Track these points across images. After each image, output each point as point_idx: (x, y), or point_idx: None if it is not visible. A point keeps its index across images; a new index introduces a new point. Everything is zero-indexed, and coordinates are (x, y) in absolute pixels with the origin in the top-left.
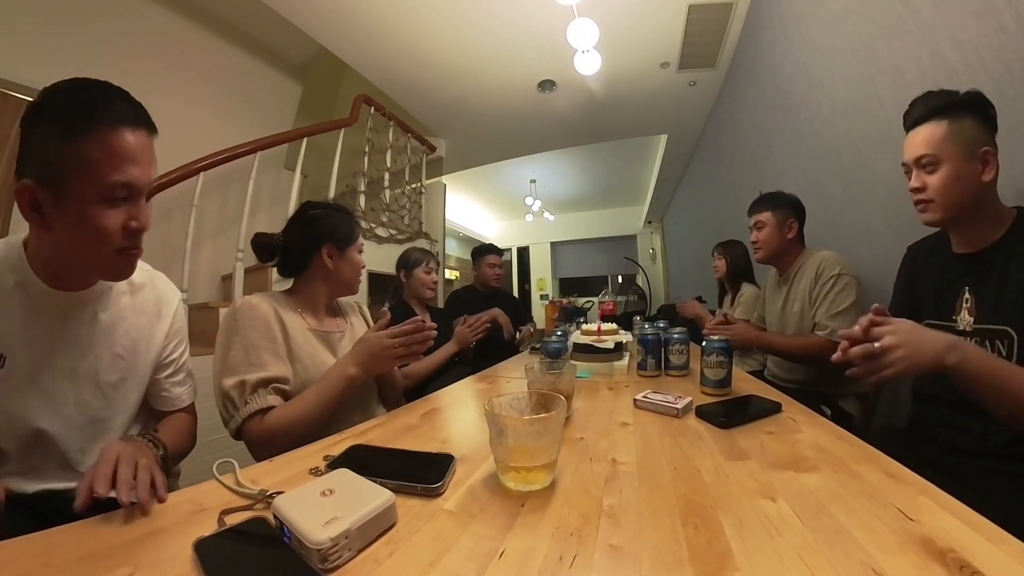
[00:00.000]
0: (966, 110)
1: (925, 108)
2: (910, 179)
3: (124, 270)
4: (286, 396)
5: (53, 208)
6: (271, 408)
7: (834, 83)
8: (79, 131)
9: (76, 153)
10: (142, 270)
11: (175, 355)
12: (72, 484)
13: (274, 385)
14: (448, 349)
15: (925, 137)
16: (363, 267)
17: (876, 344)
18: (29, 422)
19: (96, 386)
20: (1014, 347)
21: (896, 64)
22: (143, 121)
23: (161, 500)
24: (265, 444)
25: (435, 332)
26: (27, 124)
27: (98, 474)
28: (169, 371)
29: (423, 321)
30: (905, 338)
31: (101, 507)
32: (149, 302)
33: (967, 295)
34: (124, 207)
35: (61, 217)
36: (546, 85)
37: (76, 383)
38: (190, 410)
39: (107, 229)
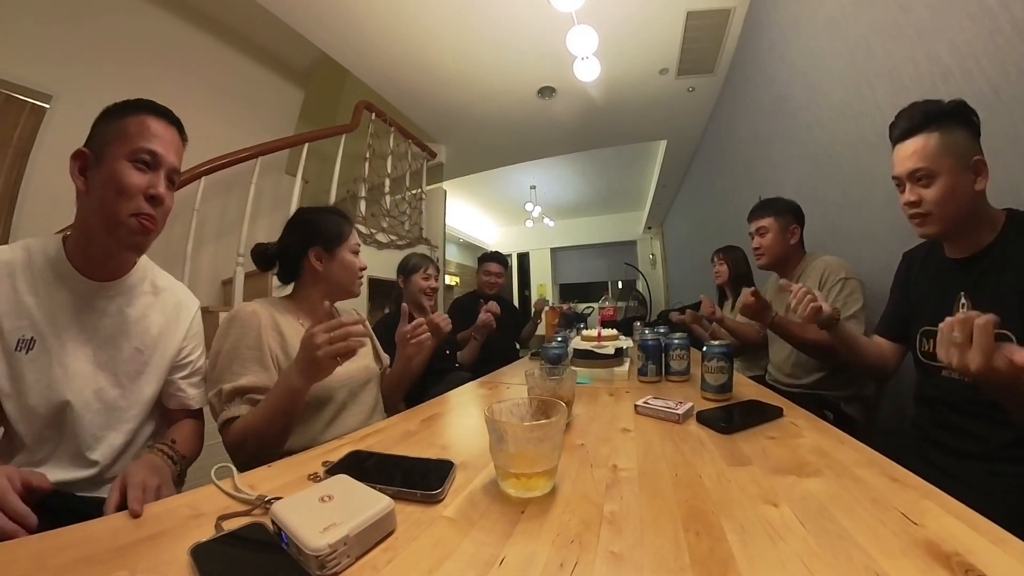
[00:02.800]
0: (954, 120)
1: (913, 119)
2: (902, 192)
3: (138, 237)
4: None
5: (94, 168)
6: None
7: (832, 87)
8: (127, 113)
9: (120, 126)
10: (165, 276)
11: (192, 357)
12: (83, 473)
13: (249, 396)
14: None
15: (917, 149)
16: (361, 268)
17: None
18: (56, 395)
19: (115, 376)
20: None
21: (893, 67)
22: (176, 122)
23: None
24: (232, 453)
25: (363, 329)
26: (96, 121)
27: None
28: (185, 372)
29: (359, 316)
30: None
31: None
32: (170, 304)
33: (963, 300)
34: (147, 175)
35: (98, 175)
36: (546, 91)
37: (96, 370)
38: (199, 415)
39: (129, 186)
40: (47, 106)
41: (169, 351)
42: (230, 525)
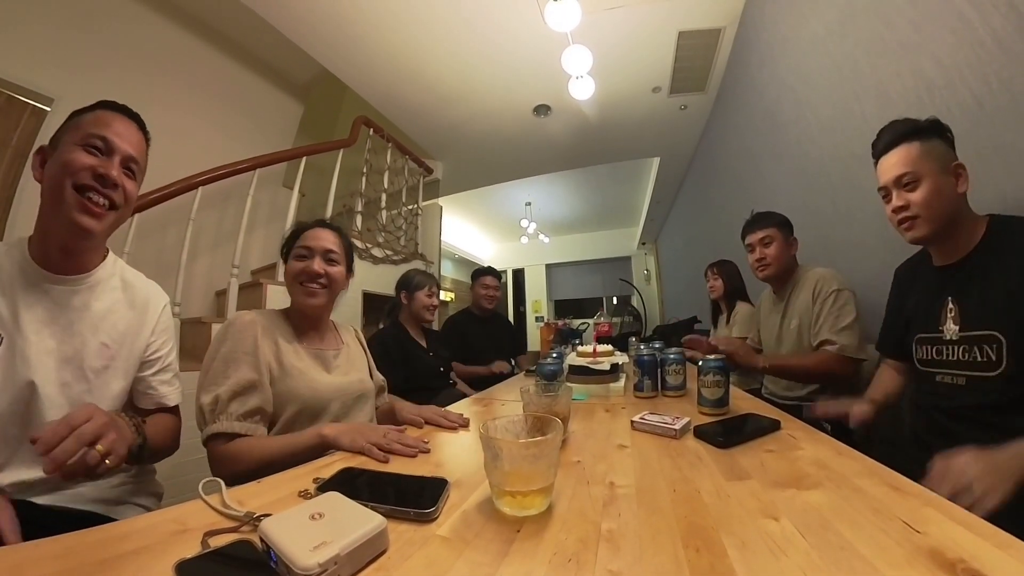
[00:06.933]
0: (931, 133)
1: (894, 134)
2: (888, 201)
3: (83, 212)
4: (259, 410)
5: (49, 156)
6: (236, 436)
7: (820, 103)
8: (84, 112)
9: (76, 121)
10: (135, 273)
11: (161, 352)
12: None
13: (257, 415)
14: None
15: (901, 157)
16: (305, 272)
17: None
18: (21, 390)
19: (80, 370)
20: (1003, 350)
21: (879, 82)
22: (134, 117)
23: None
24: (220, 465)
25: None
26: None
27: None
28: (155, 368)
29: (426, 443)
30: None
31: (82, 521)
32: (138, 299)
33: (951, 305)
34: (98, 158)
35: (50, 163)
36: (541, 110)
37: (62, 364)
38: (175, 412)
39: (74, 162)
40: (48, 109)
41: (137, 346)
42: (217, 542)
